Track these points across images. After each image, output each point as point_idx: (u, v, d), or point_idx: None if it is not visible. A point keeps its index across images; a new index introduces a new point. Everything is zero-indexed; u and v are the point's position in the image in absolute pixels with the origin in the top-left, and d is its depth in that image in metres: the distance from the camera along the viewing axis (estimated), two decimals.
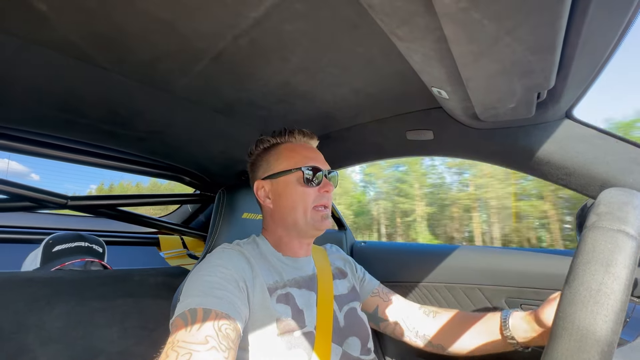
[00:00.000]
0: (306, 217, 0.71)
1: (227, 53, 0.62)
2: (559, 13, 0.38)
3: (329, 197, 0.74)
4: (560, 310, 0.30)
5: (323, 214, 0.72)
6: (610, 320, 0.27)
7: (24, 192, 0.92)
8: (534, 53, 0.46)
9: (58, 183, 11.60)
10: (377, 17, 0.43)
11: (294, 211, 0.71)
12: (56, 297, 0.77)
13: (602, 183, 0.71)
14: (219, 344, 0.48)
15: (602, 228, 0.34)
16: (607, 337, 0.27)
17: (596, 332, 0.27)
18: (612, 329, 0.27)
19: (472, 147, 0.87)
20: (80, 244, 0.95)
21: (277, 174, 0.73)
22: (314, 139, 0.80)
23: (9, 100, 0.69)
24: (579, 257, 0.33)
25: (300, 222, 0.71)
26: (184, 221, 1.53)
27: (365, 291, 0.85)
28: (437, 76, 0.58)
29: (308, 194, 0.72)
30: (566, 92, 0.62)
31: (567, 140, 0.73)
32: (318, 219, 0.72)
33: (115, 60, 0.63)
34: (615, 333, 0.27)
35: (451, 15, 0.39)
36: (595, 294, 0.29)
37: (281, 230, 0.74)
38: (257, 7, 0.50)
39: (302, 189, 0.72)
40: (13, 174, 5.24)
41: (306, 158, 0.74)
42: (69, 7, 0.49)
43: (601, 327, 0.27)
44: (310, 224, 0.71)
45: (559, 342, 0.29)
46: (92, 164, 1.00)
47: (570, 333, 0.28)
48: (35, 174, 12.70)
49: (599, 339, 0.27)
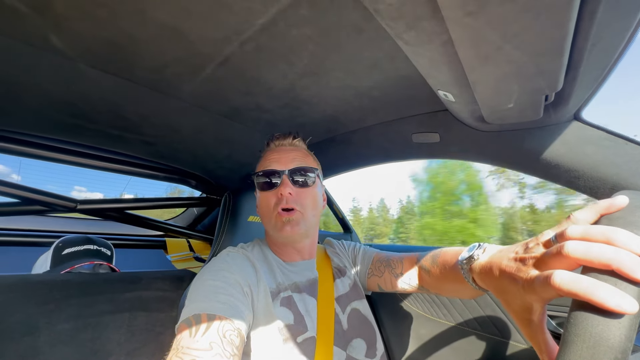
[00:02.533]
0: (271, 222, 0.69)
1: (233, 58, 0.63)
2: (566, 16, 0.38)
3: (290, 200, 0.67)
4: (572, 316, 0.29)
5: (283, 219, 0.67)
6: (624, 327, 0.27)
7: (35, 196, 0.93)
8: (541, 56, 0.45)
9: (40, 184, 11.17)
10: (384, 22, 0.43)
11: (263, 219, 0.71)
12: (65, 299, 0.78)
13: (612, 185, 0.70)
14: (223, 351, 0.48)
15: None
16: (620, 344, 0.27)
17: (610, 339, 0.27)
18: (626, 336, 0.27)
19: (479, 149, 0.86)
20: (89, 247, 0.96)
21: (256, 186, 0.74)
22: (287, 139, 0.77)
23: (20, 105, 0.71)
24: None
25: (270, 230, 0.71)
26: (190, 224, 1.54)
27: (363, 273, 0.81)
28: (443, 80, 0.58)
29: (267, 198, 0.70)
30: (574, 94, 0.61)
31: (575, 142, 0.72)
32: (279, 224, 0.67)
33: (124, 67, 0.65)
34: (629, 340, 0.27)
35: (458, 19, 0.39)
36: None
37: (271, 235, 0.75)
38: (264, 14, 0.50)
39: (261, 195, 0.71)
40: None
41: (267, 161, 0.72)
42: (80, 15, 0.51)
43: (614, 334, 0.27)
44: (275, 229, 0.68)
45: (571, 349, 0.28)
46: (100, 168, 1.02)
47: (582, 340, 0.28)
48: (16, 174, 12.33)
49: (613, 346, 0.26)
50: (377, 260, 0.81)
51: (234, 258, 0.66)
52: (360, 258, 0.84)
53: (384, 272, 0.78)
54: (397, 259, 0.78)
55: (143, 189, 1.67)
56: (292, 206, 0.67)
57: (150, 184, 1.33)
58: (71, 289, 0.80)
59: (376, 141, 1.01)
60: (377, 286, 0.79)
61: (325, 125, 0.96)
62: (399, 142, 0.97)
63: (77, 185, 3.51)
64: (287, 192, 0.67)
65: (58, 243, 0.93)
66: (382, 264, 0.79)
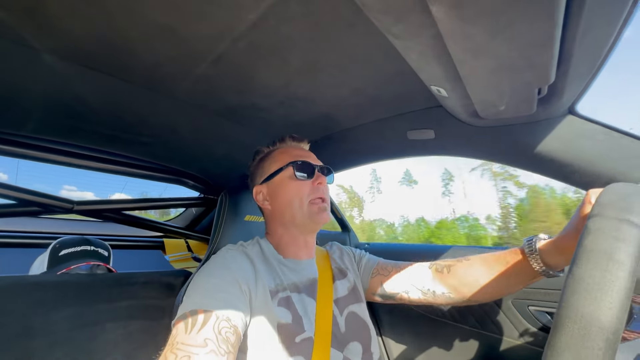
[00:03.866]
0: (302, 210, 0.71)
1: (226, 56, 0.63)
2: (554, 6, 0.38)
3: (324, 190, 0.74)
4: (564, 299, 0.29)
5: (320, 207, 0.72)
6: (615, 308, 0.27)
7: (32, 197, 0.93)
8: (531, 48, 0.45)
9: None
10: (372, 15, 0.43)
11: (291, 206, 0.72)
12: (62, 300, 0.78)
13: (607, 180, 0.70)
14: (217, 348, 0.47)
15: (605, 217, 0.33)
16: (612, 325, 0.27)
17: (601, 320, 0.27)
18: (617, 317, 0.27)
19: (474, 145, 0.86)
20: (86, 247, 0.96)
21: (271, 176, 0.75)
22: (304, 142, 0.82)
23: (14, 106, 0.71)
24: (582, 246, 0.33)
25: (298, 216, 0.72)
26: (188, 224, 1.54)
27: (367, 274, 0.82)
28: (435, 74, 0.58)
29: (301, 187, 0.72)
30: (568, 87, 0.61)
31: (571, 137, 0.72)
32: (315, 211, 0.72)
33: (118, 66, 0.65)
34: (620, 321, 0.27)
35: (444, 11, 0.39)
36: (599, 281, 0.29)
37: (282, 230, 0.74)
38: (254, 9, 0.51)
39: (295, 183, 0.73)
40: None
41: (296, 156, 0.76)
42: (73, 15, 0.51)
43: (606, 315, 0.27)
44: (307, 216, 0.71)
45: (563, 330, 0.28)
46: (96, 169, 1.02)
47: (574, 321, 0.28)
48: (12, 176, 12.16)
49: (604, 327, 0.27)
50: (383, 264, 0.83)
51: (233, 256, 0.66)
52: (364, 262, 0.85)
53: (390, 272, 0.79)
54: (407, 264, 0.79)
55: (142, 191, 1.66)
56: (325, 196, 0.74)
57: (147, 185, 1.33)
58: (68, 290, 0.80)
59: (372, 139, 1.00)
60: (380, 284, 0.79)
61: (321, 124, 0.96)
62: (395, 139, 0.97)
63: (67, 184, 3.46)
64: (325, 182, 0.75)
65: (55, 244, 0.93)
66: (388, 266, 0.81)
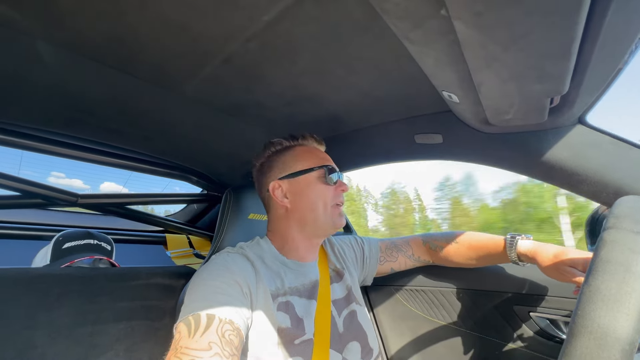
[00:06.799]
0: (326, 213, 0.73)
1: (237, 55, 0.62)
2: (575, 18, 0.37)
3: (342, 196, 0.78)
4: (579, 307, 0.29)
5: (340, 212, 0.77)
6: (632, 319, 0.27)
7: (36, 189, 0.93)
8: (548, 58, 0.45)
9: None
10: (390, 21, 0.43)
11: (315, 209, 0.73)
12: (65, 294, 0.78)
13: (615, 190, 0.70)
14: (222, 351, 0.48)
15: (621, 229, 0.33)
16: (628, 336, 0.27)
17: (617, 330, 0.27)
18: (634, 328, 0.27)
19: (482, 151, 0.86)
20: (89, 241, 0.96)
21: (296, 173, 0.74)
22: (322, 144, 0.84)
23: (19, 97, 0.70)
24: (598, 257, 0.33)
25: (321, 219, 0.73)
26: (191, 220, 1.54)
27: (374, 262, 0.90)
28: (448, 80, 0.57)
29: (328, 191, 0.74)
30: (580, 98, 0.61)
31: (579, 146, 0.72)
32: (337, 215, 0.75)
33: (126, 61, 0.64)
34: (637, 332, 0.27)
35: (465, 19, 0.38)
36: (616, 292, 0.29)
37: (295, 231, 0.74)
38: (270, 11, 0.50)
39: (323, 187, 0.74)
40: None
41: (323, 159, 0.78)
42: (82, 7, 0.50)
43: (622, 325, 0.27)
44: (329, 220, 0.74)
45: (579, 340, 0.28)
46: (100, 162, 1.01)
47: (590, 331, 0.28)
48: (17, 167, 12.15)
49: (620, 338, 0.27)
50: (385, 247, 0.92)
51: (233, 259, 0.66)
52: (367, 251, 0.90)
53: (397, 257, 0.91)
54: (404, 242, 0.93)
55: (143, 186, 1.66)
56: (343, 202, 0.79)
57: (148, 181, 1.33)
58: (71, 283, 0.80)
59: (378, 141, 1.00)
60: (390, 269, 0.92)
61: (327, 124, 0.96)
62: (402, 143, 0.97)
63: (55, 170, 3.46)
64: (347, 188, 0.78)
65: (58, 237, 0.93)
66: (392, 250, 0.92)
